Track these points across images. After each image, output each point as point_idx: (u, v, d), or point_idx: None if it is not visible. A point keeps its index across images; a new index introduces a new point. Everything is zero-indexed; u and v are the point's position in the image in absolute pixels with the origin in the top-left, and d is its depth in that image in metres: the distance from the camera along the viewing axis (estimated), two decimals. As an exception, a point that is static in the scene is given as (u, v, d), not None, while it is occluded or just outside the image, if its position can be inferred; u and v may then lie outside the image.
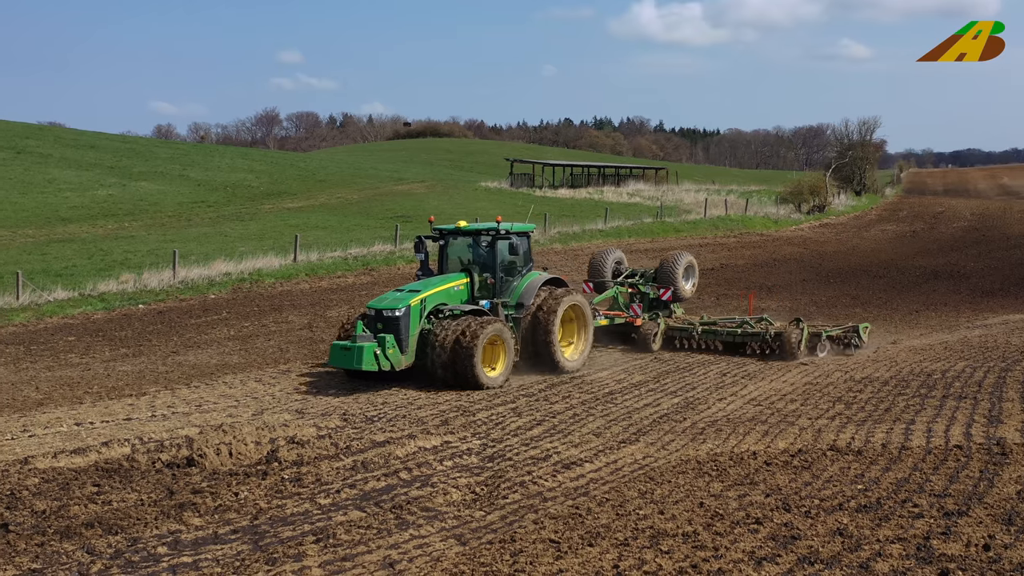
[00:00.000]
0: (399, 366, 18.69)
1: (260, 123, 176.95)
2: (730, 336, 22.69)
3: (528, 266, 21.15)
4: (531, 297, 20.39)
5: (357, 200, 61.32)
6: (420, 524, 10.74)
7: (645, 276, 25.94)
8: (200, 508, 11.33)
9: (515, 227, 20.70)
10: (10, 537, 10.37)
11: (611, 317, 23.81)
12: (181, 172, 68.75)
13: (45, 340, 24.60)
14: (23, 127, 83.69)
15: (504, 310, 20.10)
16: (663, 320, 23.70)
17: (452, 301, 19.83)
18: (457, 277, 20.13)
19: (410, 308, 18.94)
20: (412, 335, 18.94)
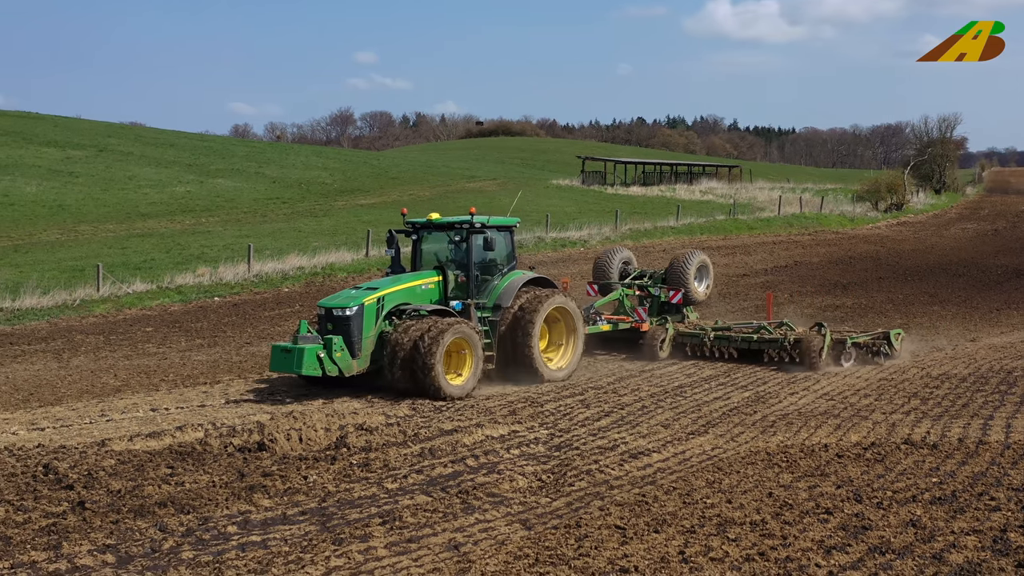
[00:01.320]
0: (349, 371, 16.94)
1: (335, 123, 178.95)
2: (745, 343, 20.55)
3: (510, 264, 19.18)
4: (510, 298, 18.41)
5: (429, 197, 61.63)
6: (486, 509, 10.76)
7: (654, 277, 23.88)
8: (270, 490, 11.48)
9: (492, 220, 18.83)
10: (86, 514, 10.61)
11: (614, 322, 21.79)
12: (257, 170, 69.81)
13: (124, 330, 25.14)
14: (105, 126, 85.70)
15: (479, 312, 18.30)
16: (672, 325, 21.56)
17: (418, 301, 17.98)
18: (427, 275, 18.34)
19: (363, 307, 17.12)
20: (366, 337, 17.14)
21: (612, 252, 24.56)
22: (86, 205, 51.46)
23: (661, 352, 20.96)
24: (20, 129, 74.65)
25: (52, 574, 9.01)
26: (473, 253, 18.35)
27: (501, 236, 19.01)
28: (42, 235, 43.34)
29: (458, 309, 18.03)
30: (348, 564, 9.11)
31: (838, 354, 19.78)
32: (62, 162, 63.48)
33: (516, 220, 19.74)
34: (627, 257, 24.56)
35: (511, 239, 19.35)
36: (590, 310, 21.53)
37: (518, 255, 20.18)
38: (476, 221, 18.31)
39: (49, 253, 37.53)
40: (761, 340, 20.36)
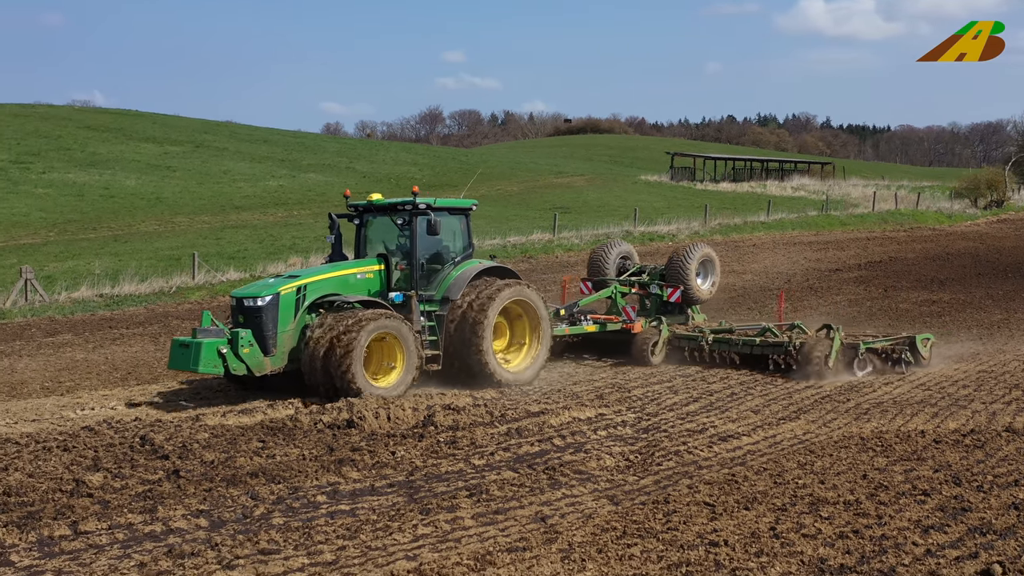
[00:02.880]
0: (259, 370, 15.06)
1: (424, 121, 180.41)
2: (747, 347, 18.25)
3: (465, 252, 17.20)
4: (459, 290, 16.44)
5: (516, 192, 61.82)
6: (572, 485, 10.71)
7: (652, 274, 21.37)
8: (358, 464, 11.59)
9: (440, 202, 16.78)
10: (180, 482, 10.85)
11: (602, 322, 19.68)
12: (348, 165, 70.76)
13: (217, 316, 25.61)
14: (201, 123, 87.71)
15: (424, 305, 16.41)
16: (666, 327, 19.27)
17: (352, 292, 16.07)
18: (365, 263, 16.52)
19: (279, 297, 15.23)
20: (282, 332, 15.26)
21: (609, 246, 22.15)
22: (183, 198, 52.75)
23: (653, 357, 18.75)
24: (121, 126, 76.88)
25: (148, 535, 9.22)
26: (417, 238, 16.43)
27: (453, 220, 17.12)
28: (141, 226, 44.56)
29: (398, 302, 16.11)
30: (435, 532, 9.15)
31: (850, 361, 17.49)
32: (160, 157, 65.17)
33: (472, 202, 17.66)
34: (626, 251, 22.20)
35: (467, 224, 17.36)
36: (573, 308, 19.76)
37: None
38: (419, 202, 16.32)
39: (147, 243, 38.54)
40: (764, 344, 18.08)
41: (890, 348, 17.98)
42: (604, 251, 21.86)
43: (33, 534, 9.15)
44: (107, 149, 65.78)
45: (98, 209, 48.78)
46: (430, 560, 8.37)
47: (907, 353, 17.81)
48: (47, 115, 79.19)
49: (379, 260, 16.54)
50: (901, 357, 17.82)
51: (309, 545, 8.81)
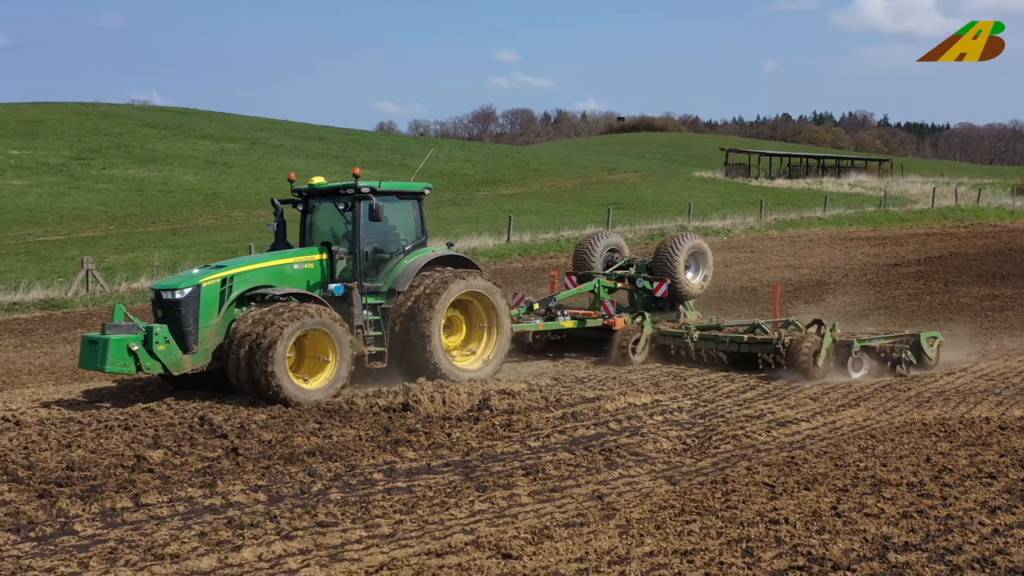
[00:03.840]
0: (177, 368, 13.87)
1: (477, 120, 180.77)
2: (734, 344, 16.87)
3: (418, 240, 15.91)
4: (406, 281, 15.24)
5: (570, 188, 61.75)
6: (629, 466, 10.66)
7: (639, 267, 19.94)
8: (414, 444, 11.62)
9: (385, 185, 15.36)
10: (239, 459, 10.95)
11: (580, 318, 18.44)
12: (401, 161, 71.10)
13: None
14: (257, 121, 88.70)
15: (370, 298, 15.23)
16: (649, 323, 17.91)
17: (289, 284, 14.81)
18: (305, 252, 15.30)
19: (199, 289, 14.02)
20: (205, 327, 14.05)
21: (596, 237, 20.59)
22: (239, 193, 53.40)
23: (635, 356, 17.43)
24: (180, 124, 78.05)
25: (208, 508, 9.32)
26: (360, 225, 15.18)
27: (404, 205, 15.90)
28: (198, 220, 45.19)
29: (338, 294, 14.92)
30: (492, 508, 9.16)
31: (843, 360, 16.12)
32: (217, 154, 66.07)
33: (424, 185, 16.16)
34: (615, 243, 20.71)
35: (419, 209, 16.07)
36: (549, 302, 18.59)
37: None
38: (361, 185, 15.03)
39: (204, 236, 39.05)
40: (753, 342, 16.71)
41: (888, 347, 16.44)
42: (590, 243, 20.40)
43: (96, 506, 9.29)
44: (166, 146, 66.79)
45: (157, 204, 49.56)
46: (487, 534, 8.37)
47: (907, 353, 16.29)
48: (107, 113, 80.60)
49: (321, 249, 15.26)
50: (901, 357, 16.26)
51: (367, 519, 8.85)
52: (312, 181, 15.84)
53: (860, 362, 16.22)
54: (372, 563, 7.77)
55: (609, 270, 20.01)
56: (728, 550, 7.83)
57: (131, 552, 8.05)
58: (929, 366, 16.57)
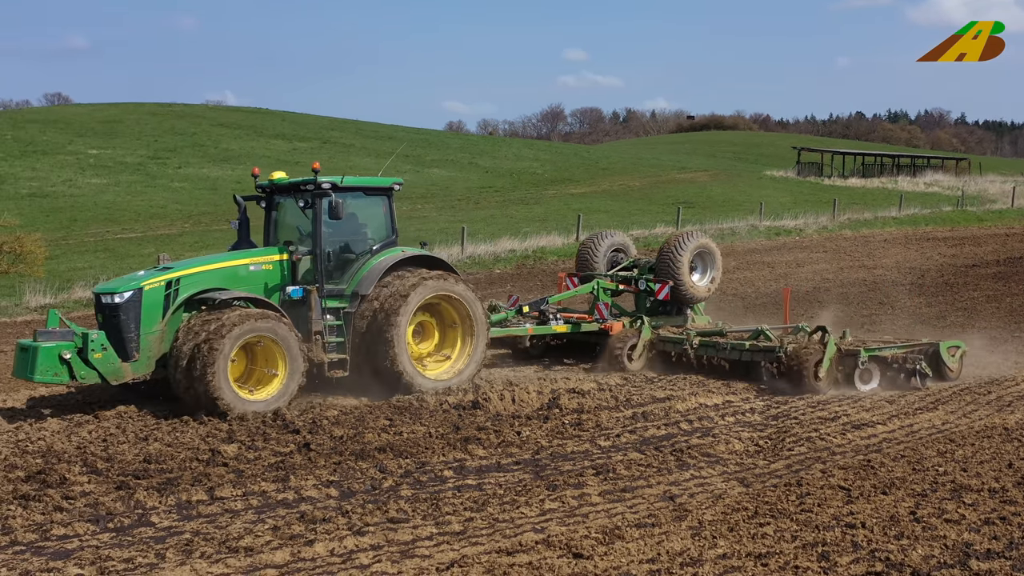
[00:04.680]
0: (116, 377, 12.95)
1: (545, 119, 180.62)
2: (735, 352, 15.69)
3: (387, 239, 15.02)
4: (371, 284, 14.30)
5: (639, 187, 61.42)
6: (701, 467, 10.54)
7: (641, 268, 18.72)
8: (484, 442, 11.63)
9: (349, 180, 14.46)
10: (311, 455, 11.06)
11: (575, 322, 17.35)
12: (471, 160, 71.41)
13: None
14: (329, 120, 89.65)
15: (333, 301, 14.35)
16: (648, 327, 16.85)
17: (244, 287, 13.86)
18: (263, 252, 14.38)
19: (141, 293, 13.09)
20: (147, 333, 13.13)
21: (599, 237, 19.38)
22: (311, 192, 53.96)
23: (630, 363, 16.42)
24: (253, 123, 79.23)
25: (281, 502, 9.42)
26: (320, 224, 14.26)
27: (371, 202, 15.08)
28: (270, 218, 45.67)
29: (296, 297, 14.04)
30: (563, 507, 9.12)
31: (850, 371, 14.85)
32: (289, 153, 66.94)
33: (394, 180, 15.29)
34: (620, 243, 19.50)
35: (389, 206, 15.17)
36: (541, 305, 17.60)
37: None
38: (321, 181, 14.13)
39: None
40: (754, 349, 15.48)
41: (901, 357, 15.19)
42: (594, 243, 19.20)
43: (172, 498, 9.44)
44: (239, 145, 67.85)
45: (231, 202, 50.08)
46: (558, 533, 8.33)
47: (922, 364, 15.04)
48: (183, 113, 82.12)
49: (281, 249, 14.37)
50: (916, 368, 15.02)
51: (437, 516, 8.87)
52: (273, 176, 14.93)
53: (869, 373, 14.92)
54: (443, 560, 7.78)
55: (612, 271, 18.81)
56: (803, 554, 7.70)
57: (206, 544, 8.17)
58: (950, 378, 15.33)
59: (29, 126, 71.46)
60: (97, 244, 38.13)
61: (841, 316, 21.20)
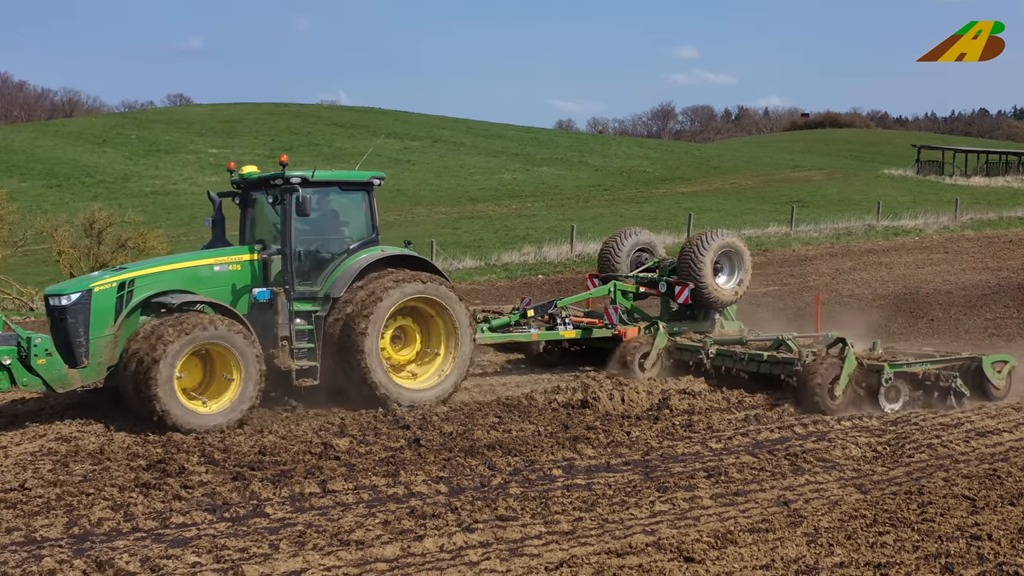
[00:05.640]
0: (62, 385, 12.04)
1: (655, 117, 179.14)
2: (753, 363, 14.41)
3: (366, 237, 14.05)
4: (344, 286, 13.35)
5: (751, 186, 60.45)
6: (816, 472, 10.29)
7: (662, 269, 17.37)
8: (593, 442, 11.56)
9: (322, 175, 13.69)
10: (421, 450, 11.14)
11: (585, 327, 16.33)
12: (580, 159, 71.29)
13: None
14: (439, 119, 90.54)
15: (305, 305, 13.34)
16: (663, 334, 15.55)
17: (205, 288, 12.97)
18: (231, 252, 13.49)
19: (90, 295, 12.22)
20: (97, 338, 12.25)
21: (623, 236, 18.02)
22: (421, 190, 54.67)
23: (643, 372, 15.19)
24: (365, 123, 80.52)
25: (391, 497, 9.50)
26: (290, 221, 13.33)
27: (350, 197, 14.27)
28: (382, 216, 45.82)
29: (262, 300, 13.15)
30: (673, 510, 9.00)
31: (873, 388, 13.46)
32: (401, 152, 67.82)
33: (373, 174, 14.27)
34: (645, 242, 18.09)
35: (369, 202, 14.20)
36: (549, 308, 16.48)
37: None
38: (290, 175, 13.26)
39: (388, 232, 39.67)
40: (773, 361, 14.19)
41: (934, 374, 13.70)
42: (616, 242, 17.87)
43: (286, 490, 9.61)
44: (352, 144, 68.97)
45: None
46: (668, 536, 8.22)
47: (957, 382, 13.48)
48: (298, 113, 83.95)
49: (252, 248, 13.59)
50: (951, 387, 13.50)
51: (546, 515, 8.83)
52: (243, 171, 14.14)
53: (897, 391, 13.50)
54: (552, 560, 7.74)
55: (634, 272, 17.61)
56: (925, 565, 7.43)
57: (318, 536, 8.28)
58: (996, 397, 13.74)
59: (153, 126, 74.07)
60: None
61: (954, 322, 20.48)
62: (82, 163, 60.06)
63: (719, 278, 16.65)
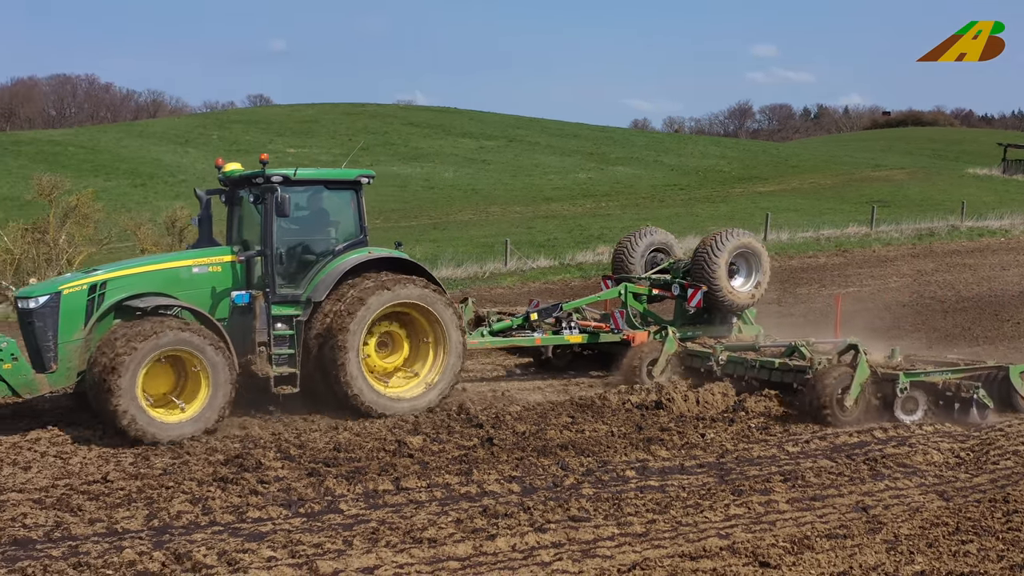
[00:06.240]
0: (28, 390, 11.93)
1: (732, 116, 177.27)
2: (764, 370, 13.56)
3: (354, 238, 13.44)
4: (325, 290, 12.78)
5: (830, 185, 59.49)
6: (896, 477, 10.07)
7: (675, 271, 16.62)
8: (667, 443, 11.46)
9: (304, 173, 13.15)
10: (494, 449, 11.15)
11: (591, 331, 15.59)
12: (655, 158, 70.89)
13: (522, 301, 26.31)
14: (515, 119, 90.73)
15: (287, 308, 12.79)
16: (672, 339, 14.62)
17: (183, 291, 12.49)
18: (212, 253, 13.00)
19: (59, 298, 11.80)
20: (66, 342, 11.80)
21: (638, 235, 17.25)
22: (496, 189, 54.87)
23: (650, 379, 14.33)
24: (441, 122, 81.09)
25: (464, 495, 9.52)
26: (270, 221, 12.83)
27: (337, 197, 13.71)
28: (457, 215, 46.73)
29: (240, 304, 12.65)
30: (748, 513, 8.88)
31: (887, 398, 12.54)
32: (476, 151, 68.19)
33: (361, 172, 13.64)
34: (661, 242, 17.24)
35: (357, 202, 13.58)
36: (554, 312, 15.74)
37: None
38: (270, 174, 12.79)
39: (463, 231, 40.30)
40: (784, 369, 13.31)
41: (955, 384, 12.70)
42: (630, 242, 17.09)
43: (360, 487, 9.69)
44: (428, 144, 69.56)
45: (419, 199, 51.67)
46: (743, 540, 8.11)
47: (979, 393, 12.39)
48: (375, 113, 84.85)
49: (234, 249, 13.19)
50: (972, 398, 12.43)
51: (619, 516, 8.78)
52: (226, 168, 13.71)
53: (915, 402, 12.55)
54: (624, 562, 7.69)
55: (647, 274, 16.84)
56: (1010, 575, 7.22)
57: (391, 534, 8.33)
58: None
59: (233, 126, 75.44)
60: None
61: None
62: (165, 163, 61.41)
63: (735, 280, 15.99)
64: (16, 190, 42.92)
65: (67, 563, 7.73)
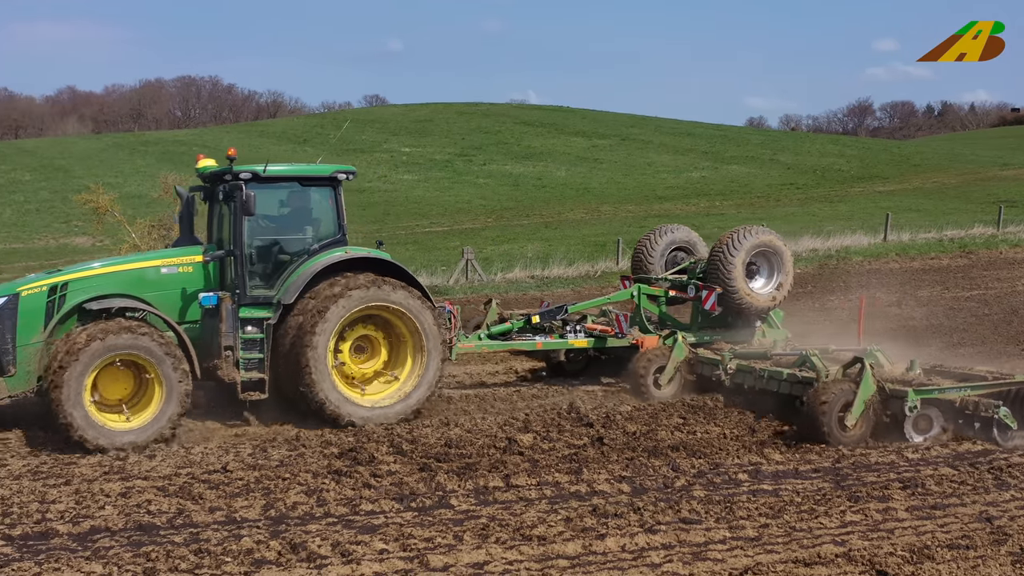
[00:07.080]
0: None
1: (851, 114, 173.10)
2: (773, 381, 12.65)
3: (330, 237, 12.90)
4: (295, 292, 12.24)
5: (955, 185, 57.65)
6: (1023, 487, 9.68)
7: (691, 271, 15.77)
8: (780, 447, 11.26)
9: (274, 169, 12.58)
10: (604, 449, 11.12)
11: (597, 335, 14.76)
12: (771, 157, 69.72)
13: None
14: (628, 118, 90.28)
15: (257, 311, 12.31)
16: (681, 345, 13.90)
17: (151, 292, 12.09)
18: (182, 252, 12.60)
19: (17, 300, 11.54)
20: (25, 345, 11.49)
21: (658, 234, 16.27)
22: (608, 188, 54.72)
23: (658, 389, 13.72)
24: (554, 121, 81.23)
25: (573, 494, 9.52)
26: (239, 220, 12.32)
27: (309, 195, 13.16)
28: (569, 214, 46.73)
29: (206, 306, 12.19)
30: (865, 520, 8.66)
31: (897, 416, 11.44)
32: (588, 150, 68.09)
33: (337, 168, 13.08)
34: (683, 240, 16.27)
35: (335, 200, 13.03)
36: (559, 313, 15.13)
37: None
38: (238, 170, 12.29)
39: (574, 230, 40.27)
40: (792, 380, 12.38)
41: (974, 402, 11.48)
42: (650, 240, 16.17)
43: (470, 483, 9.77)
44: (540, 143, 69.72)
45: (531, 198, 51.85)
46: (860, 547, 7.92)
47: (1001, 411, 11.24)
48: (488, 112, 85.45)
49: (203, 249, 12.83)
50: (993, 415, 11.29)
51: (731, 519, 8.66)
52: (199, 164, 13.25)
53: (928, 421, 11.48)
54: (736, 566, 7.58)
55: (663, 275, 15.92)
56: None
57: (501, 530, 8.37)
58: None
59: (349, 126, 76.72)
60: (407, 237, 40.31)
61: None
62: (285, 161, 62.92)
63: (755, 282, 15.03)
64: (143, 188, 44.44)
65: (188, 549, 7.99)
